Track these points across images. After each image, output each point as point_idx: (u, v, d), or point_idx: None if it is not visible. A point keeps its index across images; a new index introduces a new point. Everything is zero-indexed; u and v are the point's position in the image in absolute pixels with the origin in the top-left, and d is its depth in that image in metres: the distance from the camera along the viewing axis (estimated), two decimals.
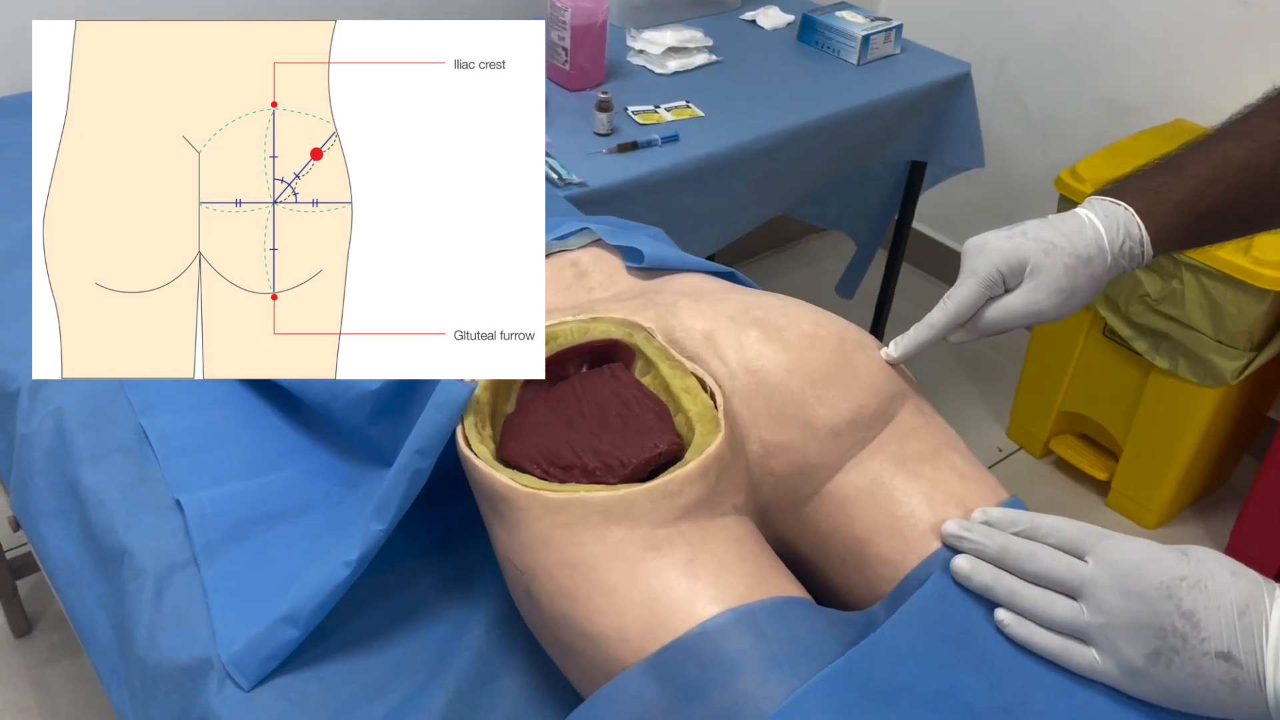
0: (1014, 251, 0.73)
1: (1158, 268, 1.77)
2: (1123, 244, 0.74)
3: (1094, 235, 0.74)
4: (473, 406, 0.72)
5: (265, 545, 0.79)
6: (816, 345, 0.73)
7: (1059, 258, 0.73)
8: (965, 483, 0.70)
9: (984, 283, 0.73)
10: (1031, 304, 0.73)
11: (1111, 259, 0.74)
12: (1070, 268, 0.73)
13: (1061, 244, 0.73)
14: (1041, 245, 0.73)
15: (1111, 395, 1.99)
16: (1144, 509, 2.01)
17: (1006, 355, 2.40)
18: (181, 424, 0.89)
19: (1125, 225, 0.74)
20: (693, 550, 0.64)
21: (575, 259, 0.84)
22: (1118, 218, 0.74)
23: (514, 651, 0.74)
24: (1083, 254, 0.73)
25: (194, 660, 0.72)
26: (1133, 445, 1.97)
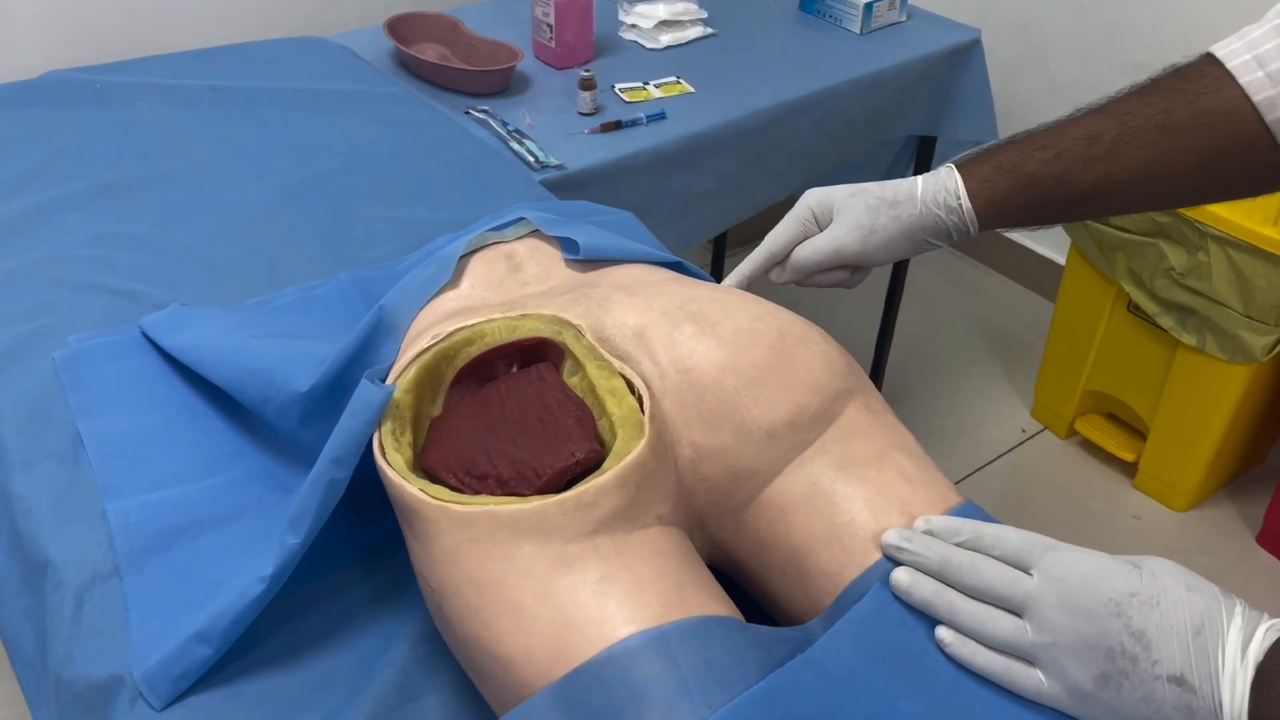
0: (825, 194, 0.79)
1: (1182, 240, 1.69)
2: (936, 194, 0.76)
3: (909, 184, 0.77)
4: (391, 411, 0.69)
5: (191, 555, 0.76)
6: (754, 341, 0.68)
7: (863, 199, 0.78)
8: (912, 487, 0.65)
9: (795, 219, 0.80)
10: (832, 240, 0.78)
11: (921, 205, 0.76)
12: (872, 208, 0.77)
13: (871, 189, 0.78)
14: (852, 189, 0.78)
15: (1138, 373, 1.91)
16: (1173, 491, 1.93)
17: (1032, 332, 2.32)
18: (120, 426, 0.86)
19: (943, 178, 0.76)
20: (606, 567, 0.59)
21: (510, 251, 0.79)
22: (940, 173, 0.77)
23: (439, 668, 0.70)
24: (889, 197, 0.77)
25: (107, 678, 0.69)
26: (1160, 425, 1.90)
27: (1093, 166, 0.73)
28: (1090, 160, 0.73)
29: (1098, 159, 0.72)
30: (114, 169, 1.19)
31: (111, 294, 1.00)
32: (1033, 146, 0.74)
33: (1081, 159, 0.73)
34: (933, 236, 0.78)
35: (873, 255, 0.78)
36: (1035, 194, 0.74)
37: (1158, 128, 0.71)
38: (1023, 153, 0.75)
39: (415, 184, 1.20)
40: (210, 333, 0.91)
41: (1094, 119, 0.74)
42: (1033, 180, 0.74)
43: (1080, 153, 0.73)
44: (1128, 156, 0.72)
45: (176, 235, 1.09)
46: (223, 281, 1.03)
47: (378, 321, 0.77)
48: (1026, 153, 0.74)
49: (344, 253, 1.09)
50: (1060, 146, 0.73)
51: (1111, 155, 0.72)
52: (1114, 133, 0.72)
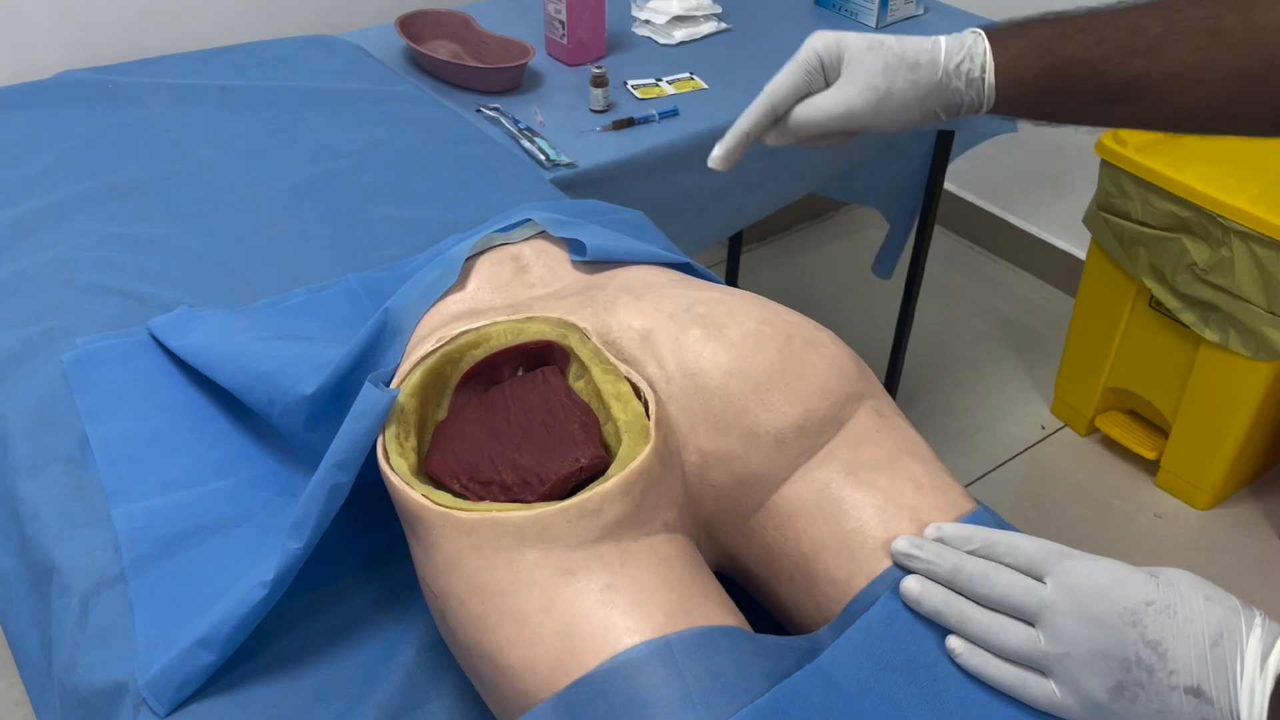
0: (837, 41, 0.69)
1: (1205, 235, 1.67)
2: (960, 63, 0.67)
3: (930, 45, 0.68)
4: (395, 415, 0.68)
5: (196, 560, 0.76)
6: (761, 345, 0.67)
7: (881, 54, 0.68)
8: (922, 494, 0.63)
9: (801, 66, 0.69)
10: (842, 100, 0.68)
11: (942, 72, 0.68)
12: (890, 66, 0.68)
13: (890, 43, 0.69)
14: (868, 40, 0.69)
15: (1159, 370, 1.89)
16: (1195, 489, 1.91)
17: (1052, 328, 2.29)
18: (127, 430, 0.86)
19: (970, 45, 0.68)
20: (610, 575, 0.58)
21: (517, 253, 0.78)
22: (964, 37, 0.69)
23: (444, 674, 0.69)
24: (910, 57, 0.68)
25: (110, 684, 0.68)
26: (1182, 422, 1.87)
27: (1131, 61, 0.66)
28: (1130, 53, 0.66)
29: (1138, 53, 0.66)
30: (124, 170, 1.18)
31: (120, 296, 1.00)
32: (1074, 27, 0.67)
33: (1122, 50, 0.66)
34: (944, 108, 0.70)
35: (884, 121, 0.69)
36: (1066, 80, 0.67)
37: (1206, 31, 0.65)
38: (1063, 31, 0.67)
39: (425, 183, 1.19)
40: (218, 334, 0.90)
41: (1142, 10, 0.67)
42: (1066, 64, 0.67)
43: (1122, 42, 0.66)
44: (1170, 57, 0.66)
45: (186, 236, 1.09)
46: (231, 282, 1.03)
47: (383, 324, 0.76)
48: (1067, 32, 0.67)
49: (353, 253, 1.08)
50: (1103, 32, 0.67)
51: (1153, 52, 0.66)
52: (1160, 28, 0.66)
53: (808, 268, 2.50)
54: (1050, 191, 2.37)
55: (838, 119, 0.69)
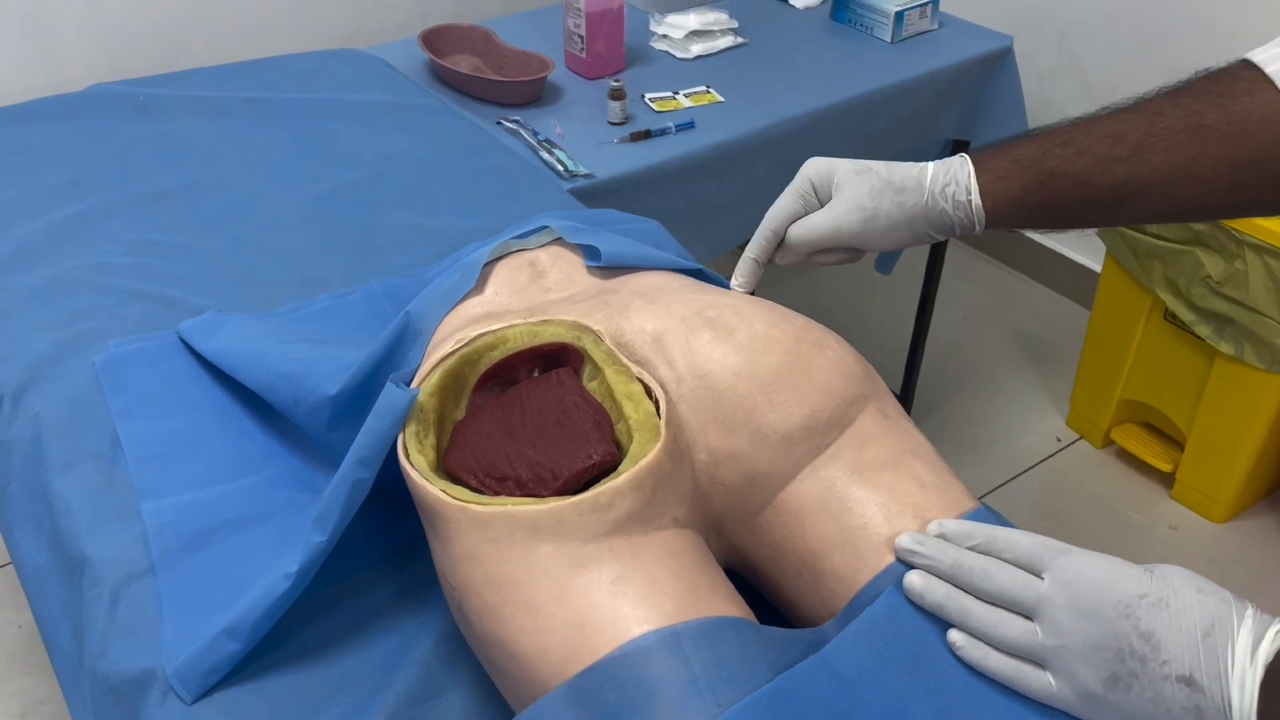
0: (827, 166, 0.74)
1: (1219, 248, 1.67)
2: (946, 186, 0.71)
3: (917, 171, 0.73)
4: (415, 414, 0.70)
5: (222, 554, 0.78)
6: (770, 347, 0.69)
7: (868, 179, 0.73)
8: (926, 493, 0.65)
9: (795, 191, 0.75)
10: (831, 220, 0.74)
11: (928, 196, 0.72)
12: (876, 190, 0.73)
13: (878, 169, 0.73)
14: (857, 166, 0.74)
15: (1174, 382, 1.89)
16: (1211, 502, 1.91)
17: (1068, 340, 2.30)
18: (156, 429, 0.88)
19: (955, 169, 0.72)
20: (621, 567, 0.60)
21: (534, 258, 0.81)
22: (952, 163, 0.72)
23: (461, 666, 0.71)
24: (895, 182, 0.73)
25: (139, 672, 0.71)
26: (1198, 435, 1.87)
27: (1114, 168, 0.68)
28: (1113, 160, 0.68)
29: (1121, 159, 0.68)
30: (154, 179, 1.22)
31: (150, 300, 1.03)
32: (1053, 142, 0.70)
33: (1104, 158, 0.68)
34: (935, 230, 0.73)
35: (871, 240, 0.74)
36: (1051, 193, 0.70)
37: (1188, 130, 0.67)
38: (1043, 148, 0.70)
39: (446, 193, 1.22)
40: (244, 338, 0.93)
41: (1121, 118, 0.69)
42: (1050, 178, 0.69)
43: (1103, 151, 0.68)
44: (1154, 159, 0.67)
45: (213, 243, 1.12)
46: (257, 288, 1.06)
47: (404, 326, 0.79)
48: (1046, 148, 0.70)
49: (375, 260, 1.11)
50: (1083, 144, 0.69)
51: (1136, 156, 0.67)
52: (1140, 132, 0.68)
53: (823, 277, 2.52)
54: None
55: (827, 237, 0.74)
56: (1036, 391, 2.21)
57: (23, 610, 1.69)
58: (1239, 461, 1.83)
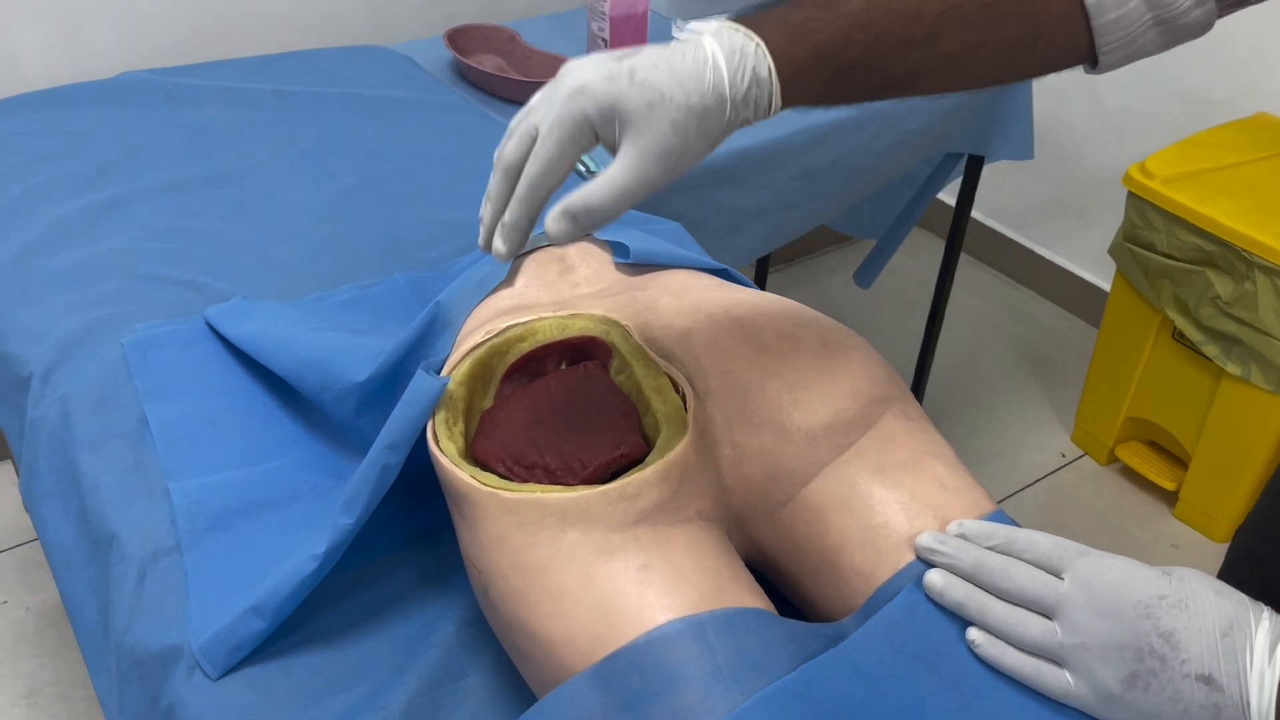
0: (608, 97, 0.58)
1: (1229, 268, 1.69)
2: (747, 91, 0.59)
3: (714, 79, 0.59)
4: (445, 402, 0.71)
5: (248, 535, 0.79)
6: (796, 346, 0.70)
7: (665, 111, 0.58)
8: (946, 494, 0.66)
9: (571, 139, 0.59)
10: (639, 177, 0.59)
11: (731, 109, 0.60)
12: (679, 123, 0.58)
13: (672, 92, 0.58)
14: (646, 95, 0.58)
15: (1180, 401, 1.90)
16: (1213, 521, 1.92)
17: (1074, 357, 2.31)
18: (183, 411, 0.90)
19: (754, 68, 0.59)
20: (647, 556, 0.62)
21: (563, 253, 0.82)
22: (746, 57, 0.59)
23: (482, 650, 0.72)
24: (696, 105, 0.58)
25: (165, 648, 0.72)
26: (1202, 454, 1.88)
27: (910, 53, 0.63)
28: (909, 45, 0.62)
29: (915, 44, 0.62)
30: (182, 167, 1.23)
31: (178, 285, 1.05)
32: (853, 26, 0.61)
33: (901, 43, 0.62)
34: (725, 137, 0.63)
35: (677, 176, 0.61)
36: (846, 84, 0.63)
37: (979, 8, 0.63)
38: (844, 34, 0.61)
39: (470, 189, 1.23)
40: (271, 324, 0.94)
41: None
42: (850, 67, 0.62)
43: (900, 34, 0.62)
44: (946, 40, 0.63)
45: (240, 232, 1.13)
46: (282, 277, 1.07)
47: (434, 316, 0.80)
48: (848, 34, 0.61)
49: (399, 253, 1.12)
50: (882, 26, 0.62)
51: (930, 39, 0.62)
52: (935, 11, 0.62)
53: (833, 291, 2.53)
54: (1076, 222, 2.39)
55: (634, 197, 0.60)
56: (1042, 407, 2.23)
57: (31, 592, 1.70)
58: (1243, 482, 1.84)
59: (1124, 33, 0.65)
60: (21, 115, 1.32)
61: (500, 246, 0.63)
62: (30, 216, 1.12)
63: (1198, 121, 2.00)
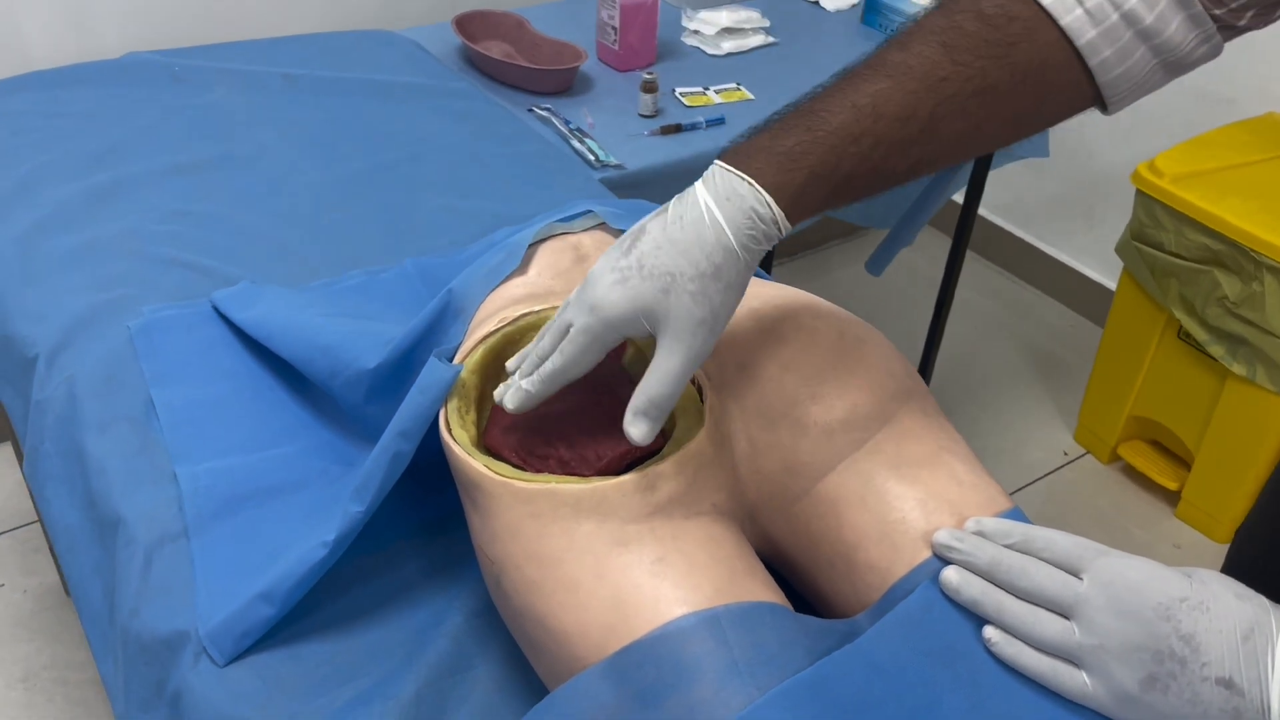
0: (624, 304, 0.62)
1: (1237, 269, 1.68)
2: (750, 233, 0.61)
3: (715, 236, 0.61)
4: (457, 390, 0.71)
5: (256, 521, 0.79)
6: (814, 340, 0.70)
7: (682, 289, 0.61)
8: (963, 490, 0.66)
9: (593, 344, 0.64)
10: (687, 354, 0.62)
11: (743, 255, 0.62)
12: (699, 294, 0.61)
13: (680, 268, 0.61)
14: (659, 283, 0.61)
15: (1185, 401, 1.90)
16: (1215, 521, 1.92)
17: (1078, 356, 2.31)
18: (190, 395, 0.89)
19: (752, 209, 0.61)
20: (662, 548, 0.61)
21: (577, 242, 0.81)
22: (741, 200, 0.61)
23: (491, 640, 0.72)
24: (708, 269, 0.61)
25: (172, 633, 0.72)
26: (1206, 454, 1.88)
27: (909, 151, 0.63)
28: (907, 145, 0.62)
29: (914, 141, 0.62)
30: (189, 149, 1.22)
31: (184, 268, 1.04)
32: (845, 140, 0.61)
33: (899, 144, 0.62)
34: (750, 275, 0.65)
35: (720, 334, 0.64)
36: (848, 193, 0.64)
37: (976, 94, 0.62)
38: (836, 152, 0.61)
39: (478, 176, 1.23)
40: (279, 309, 0.93)
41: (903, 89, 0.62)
42: (848, 180, 0.62)
43: (896, 138, 0.62)
44: (945, 130, 0.62)
45: (247, 215, 1.12)
46: (290, 261, 1.07)
47: (446, 304, 0.80)
48: (840, 150, 0.61)
49: (407, 239, 1.11)
50: (875, 134, 0.61)
51: (928, 134, 0.62)
52: (929, 107, 0.61)
53: (838, 284, 2.52)
54: (1083, 221, 2.39)
55: (689, 373, 0.63)
56: (1045, 405, 2.22)
57: (29, 575, 1.69)
58: (1246, 482, 1.84)
59: (1131, 82, 0.65)
60: (26, 95, 1.31)
61: (508, 403, 0.67)
62: (36, 196, 1.11)
63: (1207, 120, 1.99)
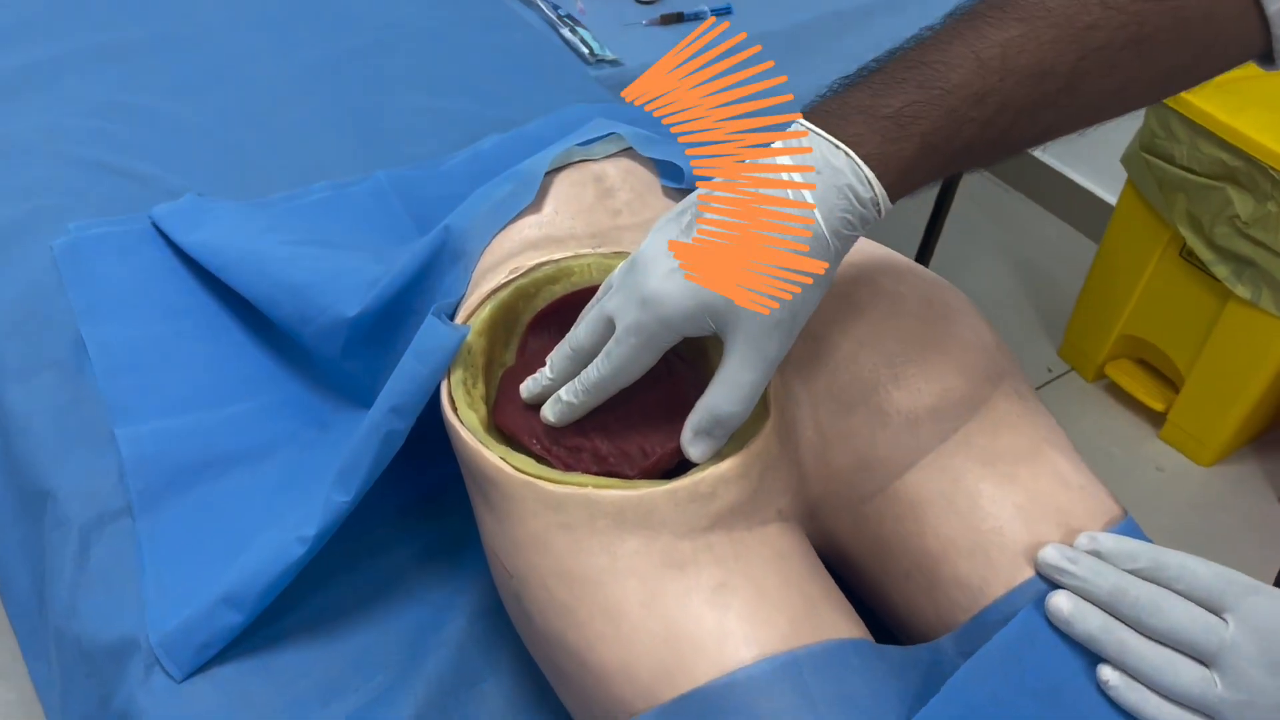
0: (694, 299, 0.50)
1: (1252, 187, 1.59)
2: (845, 216, 0.49)
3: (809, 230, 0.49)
4: (463, 357, 0.59)
5: (214, 497, 0.67)
6: (896, 309, 0.58)
7: None
8: (1070, 494, 0.56)
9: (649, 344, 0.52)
10: (759, 364, 0.51)
11: (834, 243, 0.50)
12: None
13: None
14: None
15: (1180, 322, 1.83)
16: (1200, 445, 1.87)
17: (1069, 272, 2.22)
18: (130, 335, 0.76)
19: (849, 186, 0.49)
20: (724, 572, 0.50)
21: (600, 172, 0.68)
22: (836, 175, 0.49)
23: (500, 647, 0.62)
24: None
25: (118, 639, 0.60)
26: (1198, 377, 1.82)
27: (1039, 115, 0.51)
28: (1039, 108, 0.51)
29: (1048, 104, 0.51)
30: (117, 28, 1.05)
31: (117, 175, 0.89)
32: (966, 102, 0.49)
33: (1029, 109, 0.50)
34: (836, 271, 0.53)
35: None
36: (958, 167, 0.53)
37: (1128, 45, 0.50)
38: (955, 115, 0.49)
39: (457, 71, 1.08)
40: (235, 232, 0.80)
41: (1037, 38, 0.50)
42: (965, 153, 0.51)
43: (1027, 99, 0.50)
44: (1086, 90, 0.51)
45: (190, 111, 0.97)
46: (243, 169, 0.92)
47: (442, 243, 0.66)
48: (960, 115, 0.49)
49: (377, 145, 0.97)
50: (1003, 94, 0.50)
51: (1066, 94, 0.51)
52: (1071, 61, 0.50)
53: None
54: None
55: (761, 388, 0.52)
56: (1031, 321, 2.15)
57: None
58: (1236, 407, 1.79)
59: None
60: None
61: (552, 419, 0.56)
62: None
63: None
